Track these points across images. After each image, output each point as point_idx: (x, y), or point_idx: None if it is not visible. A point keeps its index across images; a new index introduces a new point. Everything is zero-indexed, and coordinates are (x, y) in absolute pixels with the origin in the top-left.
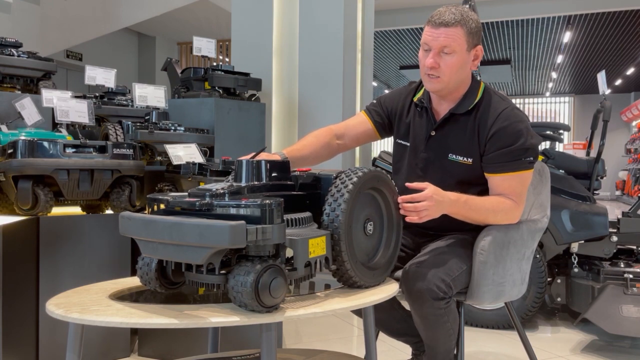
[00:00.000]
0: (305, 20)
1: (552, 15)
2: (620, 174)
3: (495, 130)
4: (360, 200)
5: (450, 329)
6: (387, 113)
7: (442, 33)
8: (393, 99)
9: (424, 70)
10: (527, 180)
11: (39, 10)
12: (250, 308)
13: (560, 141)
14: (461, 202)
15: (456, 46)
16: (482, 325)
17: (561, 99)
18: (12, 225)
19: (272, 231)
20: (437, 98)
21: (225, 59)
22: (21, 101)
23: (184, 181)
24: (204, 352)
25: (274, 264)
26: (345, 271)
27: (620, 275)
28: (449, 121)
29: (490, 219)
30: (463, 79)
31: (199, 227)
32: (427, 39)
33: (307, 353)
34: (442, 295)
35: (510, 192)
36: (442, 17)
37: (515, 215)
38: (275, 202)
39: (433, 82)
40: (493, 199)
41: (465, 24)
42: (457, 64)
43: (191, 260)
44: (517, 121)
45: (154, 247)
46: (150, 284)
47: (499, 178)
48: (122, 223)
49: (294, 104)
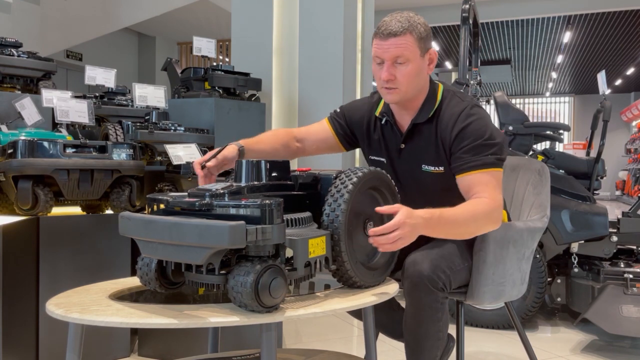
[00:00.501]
0: (305, 20)
1: (552, 15)
2: (620, 174)
3: (456, 132)
4: (360, 200)
5: (440, 332)
6: (349, 125)
7: (392, 44)
8: (356, 111)
9: (380, 83)
10: (499, 178)
11: (39, 10)
12: (250, 308)
13: (560, 141)
14: (435, 218)
15: (409, 54)
16: (482, 325)
17: (561, 99)
18: (12, 225)
19: (272, 231)
20: (398, 110)
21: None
22: (21, 101)
23: (184, 181)
24: (204, 352)
25: (273, 264)
26: (345, 271)
27: (620, 275)
28: (414, 132)
29: (471, 226)
30: (421, 86)
31: (199, 227)
32: (377, 52)
33: (307, 353)
34: (441, 286)
35: (483, 191)
36: (389, 27)
37: (496, 216)
38: (275, 202)
39: (391, 94)
40: (467, 203)
41: (413, 31)
42: (413, 72)
43: (191, 260)
44: (477, 119)
45: (154, 247)
46: (150, 284)
47: (469, 177)
48: (121, 223)
49: (294, 104)
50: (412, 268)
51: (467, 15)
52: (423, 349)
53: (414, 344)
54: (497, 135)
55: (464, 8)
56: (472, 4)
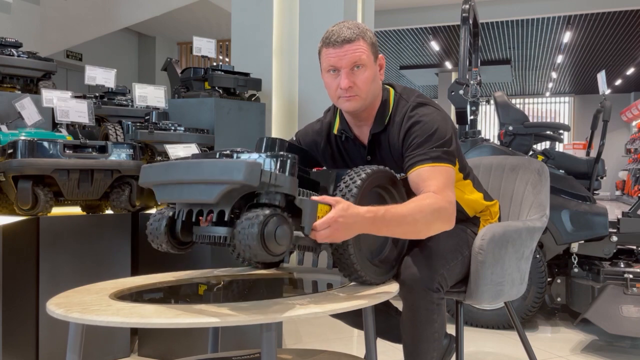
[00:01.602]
0: (305, 20)
1: (552, 15)
2: (620, 174)
3: (402, 135)
4: (367, 197)
5: (436, 333)
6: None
7: (348, 50)
8: (311, 134)
9: (337, 93)
10: (449, 174)
11: (39, 10)
12: (254, 252)
13: (560, 141)
14: (379, 216)
15: (365, 59)
16: (482, 325)
17: (561, 99)
18: (12, 225)
19: (284, 180)
20: (355, 123)
21: (225, 59)
22: (21, 101)
23: None
24: (204, 352)
25: (282, 214)
26: (351, 264)
27: (620, 275)
28: (375, 143)
29: (420, 223)
30: (377, 93)
31: (216, 163)
32: (333, 61)
33: (307, 353)
34: (437, 287)
35: (430, 186)
36: (341, 34)
37: (446, 214)
38: (291, 156)
39: (352, 102)
40: (413, 199)
41: (364, 36)
42: (370, 77)
43: (204, 198)
44: (420, 116)
45: (170, 190)
46: (161, 245)
47: (414, 173)
48: (143, 172)
49: (294, 104)
50: (406, 271)
51: (467, 15)
52: (420, 351)
53: (412, 346)
54: (445, 131)
55: (464, 8)
56: (472, 4)
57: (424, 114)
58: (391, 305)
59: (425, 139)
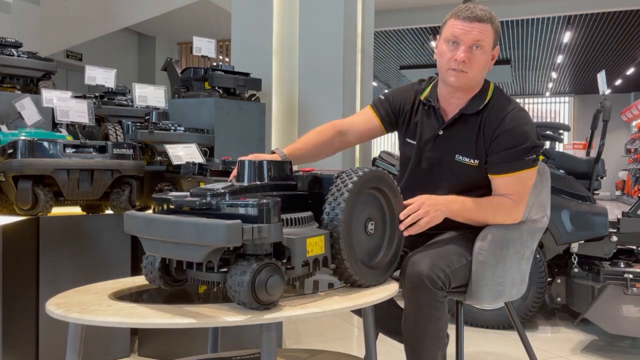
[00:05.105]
0: (305, 20)
1: (552, 15)
2: (620, 174)
3: (500, 132)
4: (361, 199)
5: (440, 331)
6: (393, 109)
7: (476, 27)
8: (401, 95)
9: (449, 64)
10: (530, 179)
11: (39, 10)
12: (248, 306)
13: (560, 141)
14: (459, 202)
15: (486, 42)
16: (482, 325)
17: (561, 99)
18: (12, 225)
19: (269, 230)
20: (446, 96)
21: (225, 59)
22: (21, 101)
23: (184, 181)
24: (204, 352)
25: (270, 263)
26: (344, 269)
27: (620, 275)
28: (458, 121)
29: (490, 219)
30: (481, 78)
31: (197, 225)
32: (457, 32)
33: (307, 353)
34: (440, 285)
35: (512, 193)
36: (474, 12)
37: (515, 216)
38: (272, 202)
39: (459, 77)
40: (492, 199)
41: (493, 23)
42: (484, 60)
43: (190, 258)
44: (523, 123)
45: (156, 245)
46: (155, 281)
47: (502, 179)
48: (126, 221)
49: (294, 104)
50: (410, 268)
51: None
52: (422, 348)
53: (414, 343)
54: (538, 140)
55: None
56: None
57: (527, 122)
58: (392, 300)
59: (522, 149)
